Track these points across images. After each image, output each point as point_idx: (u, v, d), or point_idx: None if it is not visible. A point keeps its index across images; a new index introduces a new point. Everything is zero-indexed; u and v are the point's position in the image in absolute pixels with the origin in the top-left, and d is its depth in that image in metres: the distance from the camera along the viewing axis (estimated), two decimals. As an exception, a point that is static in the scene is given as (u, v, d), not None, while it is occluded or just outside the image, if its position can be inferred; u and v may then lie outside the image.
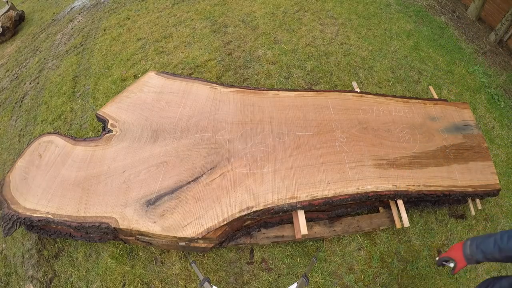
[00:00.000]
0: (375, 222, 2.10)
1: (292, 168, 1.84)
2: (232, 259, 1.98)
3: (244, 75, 3.05)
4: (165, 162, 1.85)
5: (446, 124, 2.37)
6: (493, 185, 2.19)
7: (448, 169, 2.11)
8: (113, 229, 1.63)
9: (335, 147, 1.98)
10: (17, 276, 1.94)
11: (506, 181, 2.74)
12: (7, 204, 1.77)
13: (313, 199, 1.74)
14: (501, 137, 3.08)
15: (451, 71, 3.61)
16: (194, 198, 1.71)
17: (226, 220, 1.63)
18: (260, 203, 1.69)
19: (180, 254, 1.97)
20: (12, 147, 2.68)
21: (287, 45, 3.41)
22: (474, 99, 3.37)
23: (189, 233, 1.59)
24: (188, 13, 3.82)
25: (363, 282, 1.98)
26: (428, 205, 2.23)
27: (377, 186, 1.85)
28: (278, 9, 3.91)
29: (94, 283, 1.86)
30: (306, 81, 3.06)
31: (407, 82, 3.29)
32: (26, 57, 3.74)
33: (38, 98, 3.11)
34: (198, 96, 2.13)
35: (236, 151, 1.89)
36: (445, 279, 2.10)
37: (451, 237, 2.30)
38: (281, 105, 2.15)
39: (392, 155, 2.04)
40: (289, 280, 1.92)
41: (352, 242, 2.12)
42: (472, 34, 4.36)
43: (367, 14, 4.09)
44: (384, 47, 3.65)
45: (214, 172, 1.81)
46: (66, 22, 4.20)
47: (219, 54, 3.25)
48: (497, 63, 3.99)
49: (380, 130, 2.15)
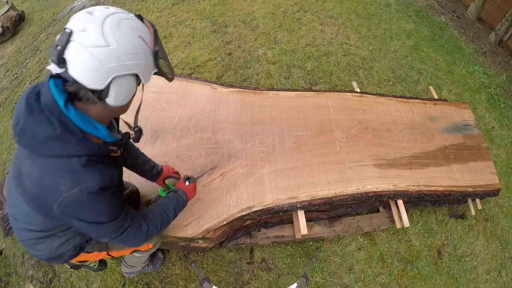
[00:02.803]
0: (375, 222, 2.10)
1: (292, 168, 1.84)
2: (232, 259, 1.98)
3: (244, 75, 3.05)
4: (165, 162, 1.85)
5: (446, 124, 2.37)
6: (493, 185, 2.19)
7: (448, 169, 2.11)
8: (113, 229, 1.62)
9: (335, 147, 1.98)
10: (17, 276, 1.94)
11: (506, 181, 2.75)
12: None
13: (313, 199, 1.73)
14: (501, 137, 3.08)
15: (451, 71, 3.61)
16: (194, 198, 1.71)
17: (226, 220, 1.63)
18: (260, 203, 1.69)
19: (180, 254, 1.97)
20: (12, 147, 2.68)
21: (287, 45, 3.41)
22: (474, 99, 3.37)
23: (189, 233, 1.59)
24: (188, 13, 3.82)
25: (363, 282, 1.98)
26: (428, 205, 2.23)
27: (377, 186, 1.85)
28: (278, 9, 3.91)
29: (94, 283, 1.86)
30: (306, 81, 3.06)
31: (407, 82, 3.29)
32: (26, 57, 3.74)
33: (38, 98, 3.11)
34: (198, 96, 2.13)
35: (236, 151, 1.89)
36: (445, 279, 2.10)
37: (451, 237, 2.30)
38: (281, 105, 2.15)
39: (392, 155, 2.04)
40: (289, 280, 1.92)
41: (352, 242, 2.12)
42: (472, 34, 4.36)
43: (367, 14, 4.09)
44: (384, 47, 3.65)
45: (214, 172, 1.81)
46: (66, 22, 4.20)
47: (219, 54, 3.25)
48: (497, 63, 3.99)
49: (380, 130, 2.15)
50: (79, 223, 0.87)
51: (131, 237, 1.00)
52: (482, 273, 2.20)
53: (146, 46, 0.81)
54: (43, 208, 0.85)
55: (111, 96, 0.78)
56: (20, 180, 0.84)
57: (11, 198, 0.97)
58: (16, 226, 1.03)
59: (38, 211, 0.88)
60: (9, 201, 0.99)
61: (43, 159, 0.79)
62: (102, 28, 0.72)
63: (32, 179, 0.81)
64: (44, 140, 0.77)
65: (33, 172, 0.80)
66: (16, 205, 0.95)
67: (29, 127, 0.77)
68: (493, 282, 2.18)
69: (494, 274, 2.22)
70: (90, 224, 0.87)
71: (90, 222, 0.87)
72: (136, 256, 1.54)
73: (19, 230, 1.03)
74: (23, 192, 0.85)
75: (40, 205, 0.85)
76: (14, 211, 0.99)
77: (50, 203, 0.81)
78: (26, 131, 0.77)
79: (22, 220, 0.98)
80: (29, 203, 0.87)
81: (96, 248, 1.25)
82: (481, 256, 2.27)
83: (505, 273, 2.25)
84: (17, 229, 1.04)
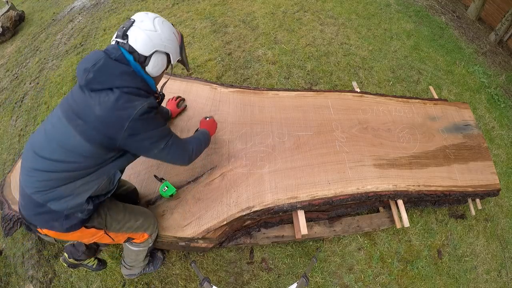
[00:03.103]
0: (375, 222, 2.10)
1: (292, 168, 1.84)
2: (232, 259, 1.98)
3: (244, 75, 3.05)
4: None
5: (446, 124, 2.37)
6: (493, 185, 2.19)
7: (448, 169, 2.11)
8: (113, 229, 1.62)
9: (335, 147, 1.98)
10: (17, 276, 1.94)
11: (506, 181, 2.75)
12: (7, 205, 1.77)
13: (313, 199, 1.73)
14: (501, 137, 3.08)
15: (451, 71, 3.61)
16: (194, 198, 1.71)
17: (226, 220, 1.63)
18: (260, 203, 1.69)
19: (180, 254, 1.97)
20: (12, 147, 2.68)
21: (287, 45, 3.41)
22: (474, 99, 3.37)
23: (189, 233, 1.59)
24: (188, 13, 3.82)
25: (363, 282, 1.98)
26: (428, 205, 2.23)
27: (377, 186, 1.85)
28: (278, 9, 3.91)
29: (94, 283, 1.87)
30: (306, 81, 3.06)
31: (407, 82, 3.29)
32: (26, 57, 3.74)
33: (38, 98, 3.11)
34: (198, 96, 2.13)
35: (236, 151, 1.89)
36: (445, 279, 2.10)
37: (451, 237, 2.30)
38: (281, 105, 2.15)
39: (392, 155, 2.04)
40: (289, 280, 1.92)
41: (352, 242, 2.12)
42: (472, 34, 4.36)
43: (367, 14, 4.09)
44: (384, 47, 3.65)
45: (214, 172, 1.81)
46: (66, 22, 4.20)
47: (219, 54, 3.25)
48: (497, 63, 3.99)
49: (380, 130, 2.15)
50: (142, 134, 1.15)
51: (177, 148, 1.32)
52: (482, 273, 2.20)
53: (176, 39, 1.28)
54: (108, 132, 1.09)
55: (150, 64, 1.19)
56: (79, 115, 1.09)
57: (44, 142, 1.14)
58: (36, 173, 1.12)
59: (97, 139, 1.10)
60: (40, 146, 1.14)
61: (117, 92, 1.09)
62: (153, 22, 1.19)
63: (104, 107, 1.07)
64: (120, 75, 1.11)
65: (106, 101, 1.07)
66: (53, 146, 1.11)
67: (108, 65, 1.10)
68: (493, 282, 2.18)
69: (494, 274, 2.22)
70: (152, 130, 1.18)
71: (152, 129, 1.18)
72: (133, 250, 1.55)
73: (40, 174, 1.12)
74: (84, 124, 1.08)
75: (106, 129, 1.09)
76: (47, 152, 1.12)
77: (121, 123, 1.09)
78: (104, 68, 1.09)
79: (57, 158, 1.11)
80: (92, 132, 1.09)
81: (96, 222, 1.28)
82: (481, 256, 2.27)
83: (505, 273, 2.25)
84: (37, 174, 1.13)
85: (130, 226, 1.40)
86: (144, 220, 1.47)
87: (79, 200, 1.17)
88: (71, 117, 1.10)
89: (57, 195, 1.14)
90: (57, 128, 1.13)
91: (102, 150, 1.14)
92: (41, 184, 1.13)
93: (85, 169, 1.15)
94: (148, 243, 1.54)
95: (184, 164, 1.42)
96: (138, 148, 1.20)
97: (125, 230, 1.39)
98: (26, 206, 1.19)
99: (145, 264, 1.74)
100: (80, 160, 1.12)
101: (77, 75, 1.14)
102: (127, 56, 1.15)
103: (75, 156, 1.11)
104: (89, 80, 1.08)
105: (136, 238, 1.45)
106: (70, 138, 1.10)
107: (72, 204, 1.16)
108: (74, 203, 1.16)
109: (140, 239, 1.48)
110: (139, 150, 1.23)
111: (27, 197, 1.16)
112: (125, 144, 1.15)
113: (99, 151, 1.13)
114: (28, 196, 1.15)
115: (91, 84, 1.09)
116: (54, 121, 1.15)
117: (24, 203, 1.19)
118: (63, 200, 1.15)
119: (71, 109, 1.12)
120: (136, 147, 1.19)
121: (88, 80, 1.08)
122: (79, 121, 1.09)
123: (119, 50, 1.15)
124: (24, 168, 1.17)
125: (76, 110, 1.11)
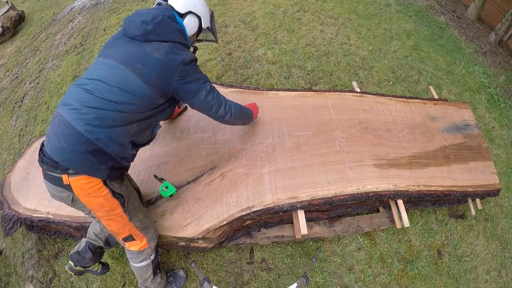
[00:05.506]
0: (375, 222, 2.10)
1: (292, 168, 1.84)
2: (232, 259, 1.98)
3: (244, 75, 3.05)
4: (165, 162, 1.85)
5: (446, 124, 2.37)
6: (493, 185, 2.19)
7: (448, 169, 2.11)
8: (113, 229, 1.62)
9: (335, 147, 1.98)
10: (17, 276, 1.94)
11: (506, 181, 2.75)
12: (7, 204, 1.77)
13: (313, 199, 1.73)
14: (501, 137, 3.08)
15: (451, 71, 3.61)
16: (194, 198, 1.71)
17: (226, 220, 1.63)
18: (260, 203, 1.69)
19: (180, 254, 1.97)
20: (12, 147, 2.68)
21: (287, 45, 3.41)
22: (474, 99, 3.37)
23: (189, 233, 1.59)
24: (188, 13, 3.82)
25: (363, 282, 1.98)
26: (428, 205, 2.23)
27: (377, 186, 1.85)
28: (278, 9, 3.91)
29: (94, 283, 1.86)
30: (306, 81, 3.06)
31: (407, 82, 3.29)
32: (26, 57, 3.74)
33: (38, 98, 3.11)
34: (198, 96, 2.13)
35: (236, 151, 1.89)
36: (445, 279, 2.10)
37: (451, 237, 2.30)
38: (281, 105, 2.15)
39: (392, 155, 2.04)
40: (289, 280, 1.92)
41: (352, 242, 2.11)
42: (472, 34, 4.36)
43: (367, 14, 4.09)
44: (384, 47, 3.65)
45: (214, 172, 1.81)
46: (66, 22, 4.20)
47: (219, 54, 3.25)
48: (497, 63, 3.99)
49: (380, 130, 2.15)
50: (191, 77, 1.34)
51: (219, 95, 1.49)
52: (482, 273, 2.20)
53: (208, 9, 1.55)
54: (164, 73, 1.26)
55: (184, 22, 1.42)
56: (139, 60, 1.24)
57: (102, 85, 1.20)
58: (92, 110, 1.15)
59: (155, 81, 1.26)
60: (97, 88, 1.19)
61: (169, 43, 1.30)
62: None
63: (162, 51, 1.26)
64: (174, 31, 1.34)
65: (162, 48, 1.27)
66: (113, 89, 1.20)
67: (165, 22, 1.31)
68: (493, 282, 2.18)
69: (494, 274, 2.22)
70: (198, 74, 1.38)
71: (198, 73, 1.38)
72: (137, 267, 1.51)
73: (97, 112, 1.16)
74: (143, 68, 1.23)
75: (163, 70, 1.26)
76: (106, 94, 1.19)
77: (175, 65, 1.28)
78: (163, 23, 1.30)
79: (117, 100, 1.19)
80: (151, 74, 1.24)
81: (123, 191, 1.31)
82: (481, 256, 2.27)
83: (505, 273, 2.25)
84: (94, 111, 1.15)
85: (139, 219, 1.41)
86: (149, 222, 1.48)
87: (128, 144, 1.26)
88: (128, 63, 1.23)
89: (112, 134, 1.18)
90: (115, 74, 1.22)
91: (158, 94, 1.28)
92: (99, 120, 1.14)
93: (141, 113, 1.26)
94: (147, 254, 1.49)
95: (224, 118, 1.55)
96: (187, 91, 1.36)
97: (134, 222, 1.38)
98: (66, 148, 1.12)
99: (161, 282, 1.68)
100: (138, 102, 1.23)
101: (127, 26, 1.29)
102: (177, 18, 1.39)
103: (135, 98, 1.22)
104: (148, 31, 1.26)
105: (136, 238, 1.42)
106: (131, 81, 1.22)
107: (121, 148, 1.23)
108: (123, 147, 1.24)
109: (138, 243, 1.44)
110: (188, 94, 1.38)
111: (73, 136, 1.12)
112: (177, 86, 1.32)
113: (155, 95, 1.28)
114: (74, 135, 1.12)
115: (148, 34, 1.26)
116: (107, 68, 1.24)
117: (64, 144, 1.12)
118: (115, 142, 1.20)
119: (128, 55, 1.25)
120: (186, 90, 1.35)
121: (147, 31, 1.26)
122: (138, 64, 1.23)
123: (171, 10, 1.38)
124: (72, 107, 1.15)
125: (133, 56, 1.25)
